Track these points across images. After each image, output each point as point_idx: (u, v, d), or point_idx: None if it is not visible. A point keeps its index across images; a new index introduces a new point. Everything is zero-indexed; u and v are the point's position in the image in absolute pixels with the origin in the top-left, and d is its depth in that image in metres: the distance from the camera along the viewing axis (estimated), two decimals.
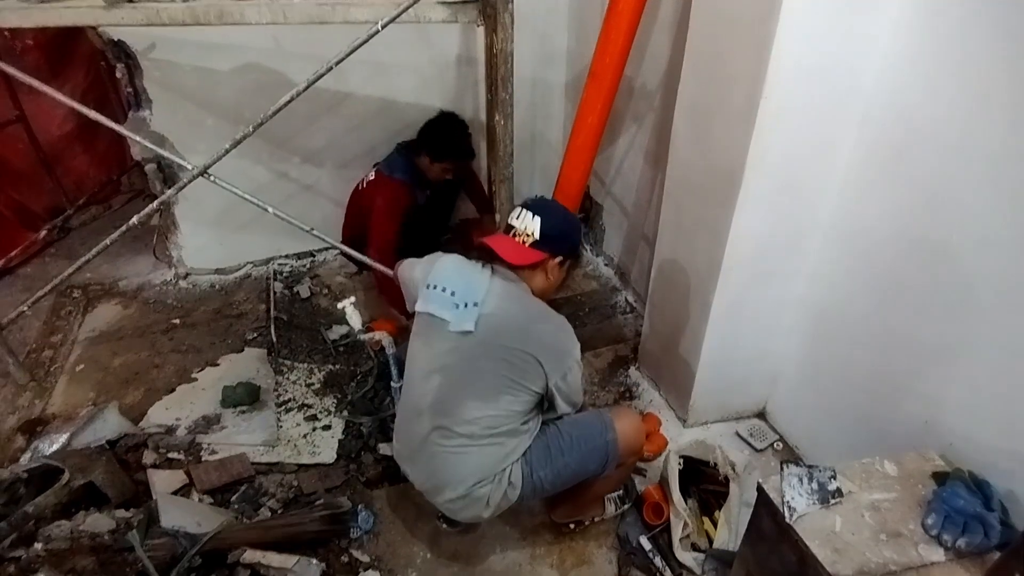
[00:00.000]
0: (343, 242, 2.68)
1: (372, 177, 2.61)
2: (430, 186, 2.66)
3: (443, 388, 1.49)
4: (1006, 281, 1.33)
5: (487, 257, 1.55)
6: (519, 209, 1.52)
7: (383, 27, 1.59)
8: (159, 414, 2.21)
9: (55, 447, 1.97)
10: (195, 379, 2.38)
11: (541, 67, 2.97)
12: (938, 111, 1.42)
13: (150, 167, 2.62)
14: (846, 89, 1.56)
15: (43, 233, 3.16)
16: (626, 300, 2.84)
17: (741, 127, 1.60)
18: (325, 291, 2.90)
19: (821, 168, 1.68)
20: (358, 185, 2.69)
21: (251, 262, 3.05)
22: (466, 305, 1.46)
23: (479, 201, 2.93)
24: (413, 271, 1.66)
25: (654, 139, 2.45)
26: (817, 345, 1.93)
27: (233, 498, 1.89)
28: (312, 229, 2.04)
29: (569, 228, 1.58)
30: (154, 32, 2.38)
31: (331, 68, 1.68)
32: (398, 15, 1.59)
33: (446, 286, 1.51)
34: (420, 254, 1.73)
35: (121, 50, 2.42)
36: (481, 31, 2.21)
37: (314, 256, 3.11)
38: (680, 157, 1.94)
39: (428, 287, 1.54)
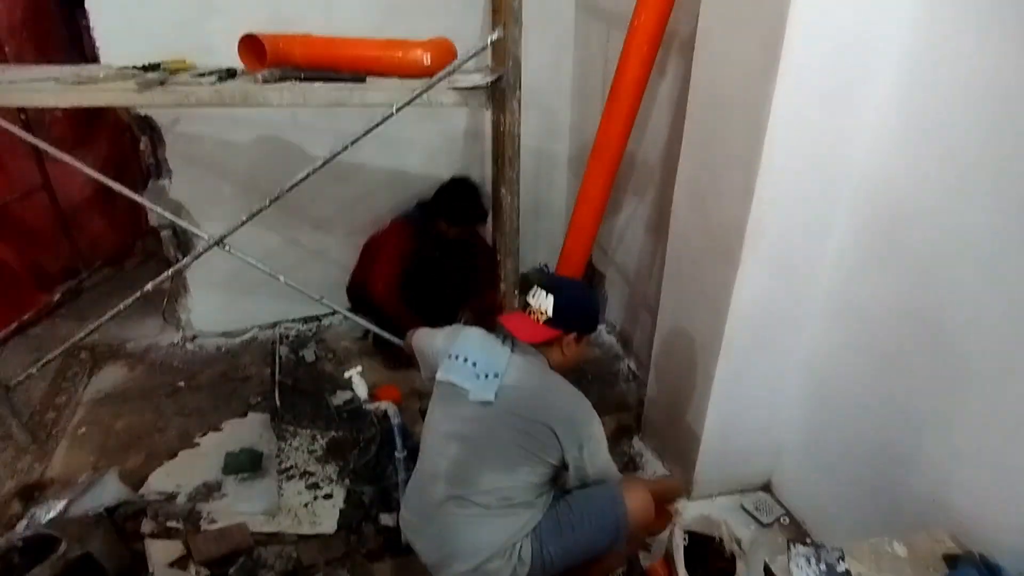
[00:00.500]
0: (352, 282, 2.85)
1: (387, 226, 2.80)
2: (444, 245, 2.77)
3: (461, 456, 1.51)
4: (1000, 357, 1.35)
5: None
6: (534, 287, 1.57)
7: (397, 111, 1.68)
8: (160, 480, 2.19)
9: (52, 514, 1.95)
10: (197, 444, 2.38)
11: (545, 139, 3.10)
12: (925, 194, 1.48)
13: (166, 233, 2.71)
14: (837, 171, 1.63)
15: (57, 296, 3.22)
16: (628, 368, 2.85)
17: (738, 205, 1.67)
18: (331, 356, 2.92)
19: (815, 245, 1.74)
20: (374, 233, 2.85)
21: (258, 325, 3.09)
22: (487, 376, 1.50)
23: (486, 274, 2.97)
24: (433, 341, 1.70)
25: (655, 211, 2.53)
26: (820, 417, 1.93)
27: (231, 570, 1.85)
28: (322, 298, 2.09)
29: (583, 305, 1.62)
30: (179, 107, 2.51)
31: (347, 147, 1.77)
32: (412, 100, 1.69)
33: (468, 356, 1.55)
34: (432, 314, 1.75)
35: (147, 123, 2.55)
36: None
37: (320, 320, 3.15)
38: (680, 231, 2.01)
39: (450, 357, 1.58)
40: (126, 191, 2.00)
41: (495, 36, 1.66)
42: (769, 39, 1.48)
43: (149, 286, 2.07)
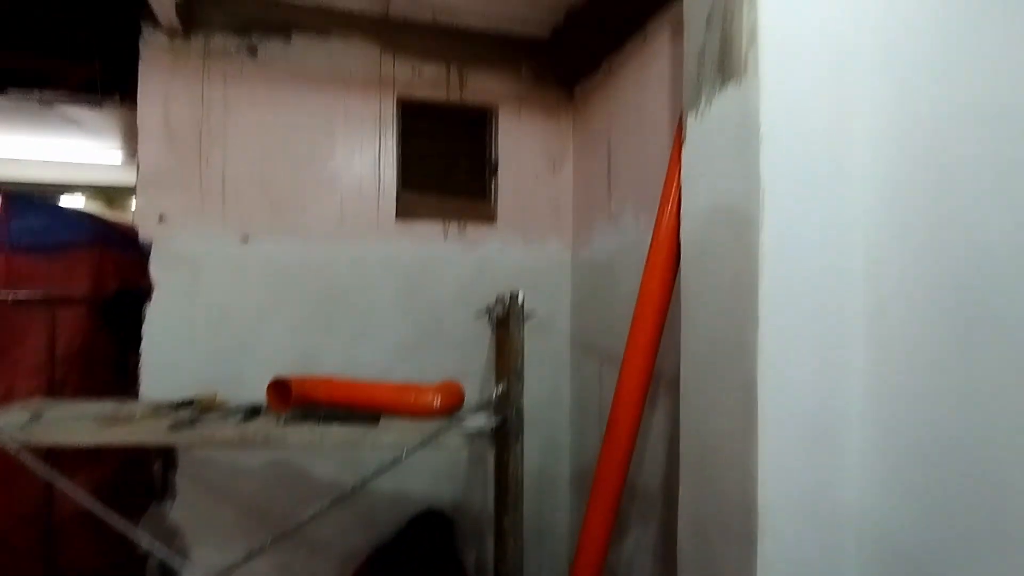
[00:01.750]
0: None
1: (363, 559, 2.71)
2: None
3: None
4: None
5: None
6: None
7: (407, 456, 1.79)
8: None
9: None
10: None
11: (546, 460, 3.17)
12: (924, 541, 1.48)
13: (152, 562, 2.59)
14: (834, 520, 1.65)
15: None
16: None
17: (742, 552, 1.65)
18: None
19: None
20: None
21: None
22: None
23: None
24: None
25: (661, 539, 2.46)
26: None
27: None
28: None
29: None
30: None
31: (355, 491, 1.83)
32: (421, 445, 1.81)
33: None
34: None
35: (165, 448, 2.66)
36: None
37: None
38: (689, 571, 1.93)
39: None
40: (123, 527, 1.99)
41: (499, 391, 1.86)
42: (745, 393, 1.65)
43: None
